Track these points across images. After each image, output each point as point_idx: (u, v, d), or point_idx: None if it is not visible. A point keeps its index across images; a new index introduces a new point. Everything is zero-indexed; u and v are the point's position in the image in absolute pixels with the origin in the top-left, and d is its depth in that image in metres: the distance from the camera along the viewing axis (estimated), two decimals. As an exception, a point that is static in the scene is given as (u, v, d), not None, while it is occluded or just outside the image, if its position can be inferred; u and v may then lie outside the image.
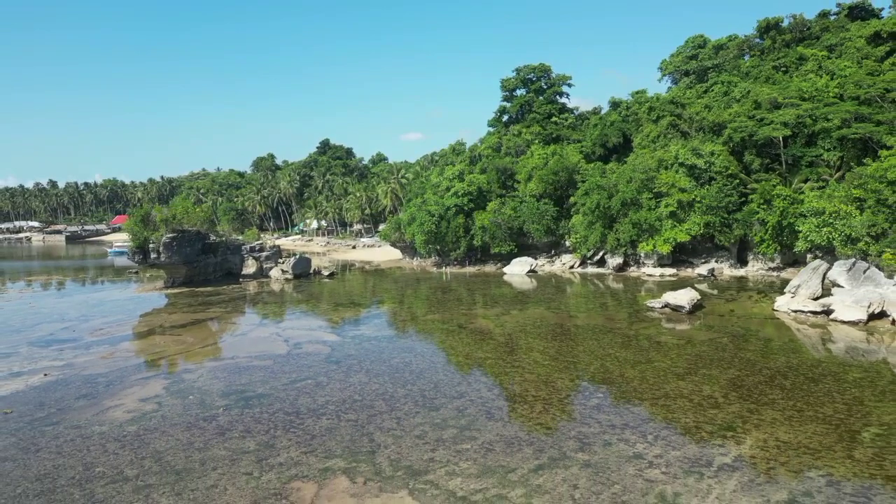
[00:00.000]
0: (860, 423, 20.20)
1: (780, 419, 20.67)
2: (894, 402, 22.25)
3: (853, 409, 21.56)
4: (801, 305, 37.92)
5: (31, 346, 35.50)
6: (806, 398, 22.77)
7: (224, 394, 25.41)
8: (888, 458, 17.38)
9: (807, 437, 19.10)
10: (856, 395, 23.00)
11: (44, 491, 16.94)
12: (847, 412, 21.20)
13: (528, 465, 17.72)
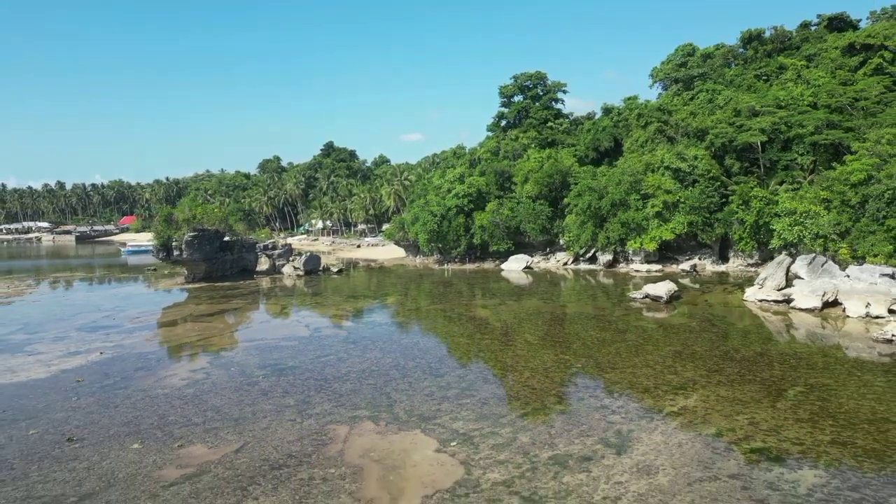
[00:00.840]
0: (789, 385, 24.62)
1: (724, 382, 25.11)
2: (824, 370, 26.65)
3: (787, 375, 25.99)
4: (766, 295, 42.37)
5: (79, 331, 39.94)
6: (750, 367, 27.20)
7: (260, 366, 29.88)
8: (802, 407, 21.81)
9: (742, 394, 23.54)
10: (793, 365, 27.43)
11: (131, 432, 21.38)
12: (781, 377, 25.62)
13: (516, 413, 22.18)
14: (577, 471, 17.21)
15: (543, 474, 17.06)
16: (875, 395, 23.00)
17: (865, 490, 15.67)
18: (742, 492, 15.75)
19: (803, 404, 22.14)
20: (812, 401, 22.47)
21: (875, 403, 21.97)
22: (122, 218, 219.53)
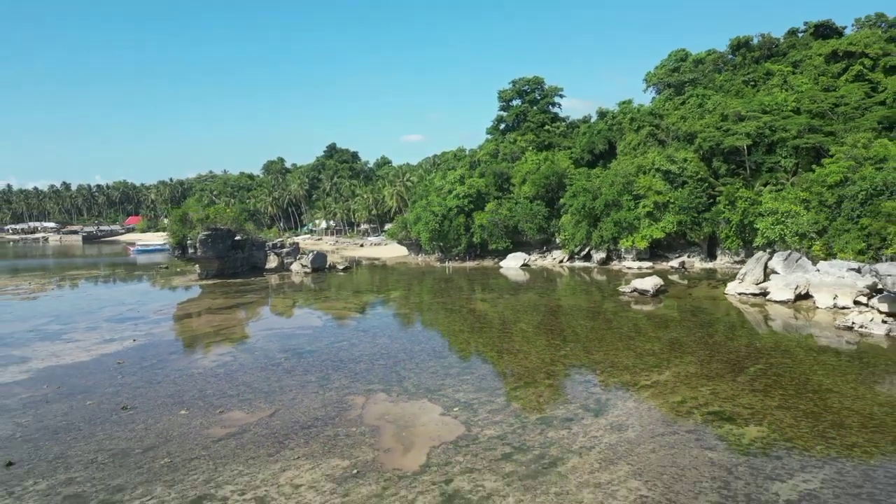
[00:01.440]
0: (751, 363, 27.85)
1: (694, 362, 28.35)
2: (785, 352, 29.88)
3: (751, 356, 29.23)
4: (745, 289, 45.62)
5: (108, 322, 43.21)
6: (719, 349, 30.46)
7: (281, 350, 33.14)
8: (758, 381, 25.05)
9: (709, 371, 26.78)
10: (758, 348, 30.67)
11: (176, 402, 24.63)
12: (745, 357, 28.86)
13: (510, 386, 25.45)
14: (559, 428, 20.47)
15: (531, 430, 20.32)
16: (825, 371, 26.26)
17: (798, 441, 18.91)
18: (695, 442, 19.01)
19: (760, 378, 25.38)
20: (768, 376, 25.72)
21: (822, 378, 25.23)
22: (128, 218, 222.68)
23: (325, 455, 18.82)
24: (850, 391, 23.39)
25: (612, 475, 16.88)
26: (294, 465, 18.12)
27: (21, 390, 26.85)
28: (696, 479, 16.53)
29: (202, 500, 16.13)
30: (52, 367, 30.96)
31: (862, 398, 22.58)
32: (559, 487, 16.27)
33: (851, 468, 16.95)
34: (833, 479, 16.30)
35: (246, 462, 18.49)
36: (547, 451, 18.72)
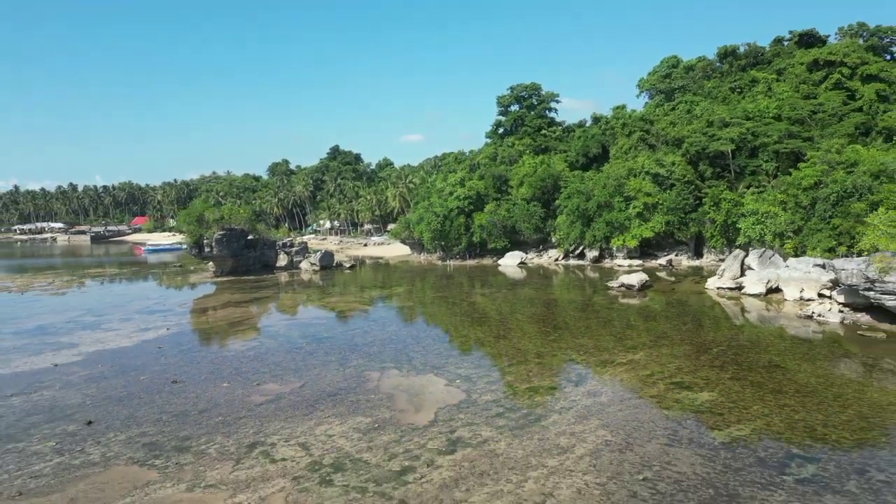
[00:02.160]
0: (715, 346, 31.84)
1: (666, 345, 32.35)
2: (747, 336, 33.87)
3: (717, 339, 33.22)
4: (723, 284, 49.63)
5: (139, 314, 47.22)
6: (690, 335, 34.45)
7: (301, 336, 37.16)
8: (718, 359, 29.03)
9: (678, 352, 30.77)
10: (725, 334, 34.65)
11: (217, 377, 28.61)
12: (712, 341, 32.85)
13: (504, 364, 29.45)
14: (545, 394, 24.49)
15: (521, 396, 24.35)
16: (777, 351, 30.27)
17: (740, 403, 22.90)
18: (656, 404, 23.02)
19: (720, 357, 29.39)
20: (728, 355, 29.73)
21: (774, 356, 29.24)
22: (134, 219, 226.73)
23: (350, 414, 22.84)
24: (794, 367, 27.40)
25: (585, 427, 20.90)
26: (326, 422, 22.14)
27: (79, 369, 30.88)
28: (651, 429, 20.54)
29: (256, 446, 20.13)
30: (100, 350, 34.98)
31: (802, 372, 26.59)
32: (541, 435, 20.28)
33: (779, 421, 20.95)
34: (761, 429, 20.30)
35: (285, 419, 22.50)
36: (533, 410, 22.74)
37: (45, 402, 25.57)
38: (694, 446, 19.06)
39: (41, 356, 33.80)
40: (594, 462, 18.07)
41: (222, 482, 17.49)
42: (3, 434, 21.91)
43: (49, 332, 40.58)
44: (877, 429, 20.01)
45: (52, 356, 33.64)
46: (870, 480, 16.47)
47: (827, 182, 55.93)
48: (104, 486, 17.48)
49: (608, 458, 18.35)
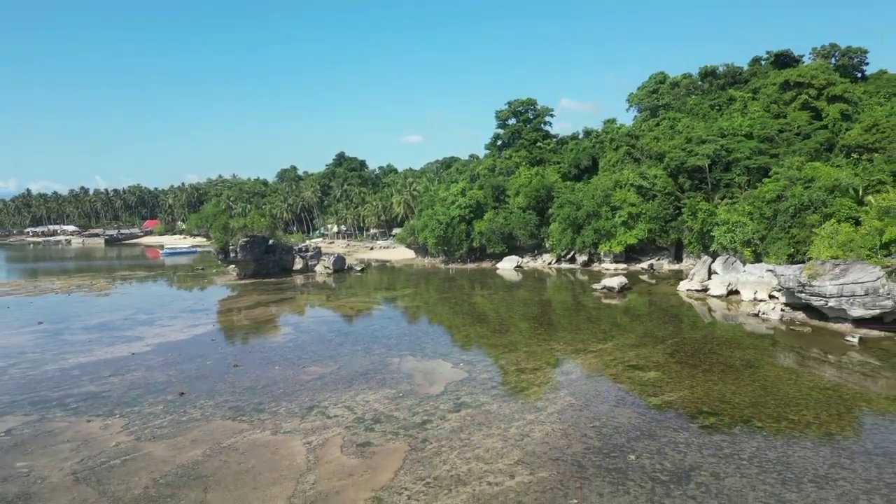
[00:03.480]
0: (671, 337, 38.98)
1: (632, 337, 39.51)
2: (699, 330, 41.01)
3: (674, 332, 40.35)
4: (692, 286, 56.79)
5: (184, 313, 54.40)
6: (652, 328, 41.61)
7: (329, 331, 44.37)
8: (671, 348, 36.17)
9: (639, 342, 37.91)
10: (681, 327, 41.81)
11: (268, 362, 35.75)
12: (669, 334, 39.98)
13: (498, 352, 36.63)
14: (529, 374, 31.68)
15: (511, 375, 31.56)
16: (720, 342, 37.45)
17: (676, 378, 30.04)
18: (612, 380, 30.20)
19: (672, 347, 36.56)
20: (678, 344, 36.90)
21: (715, 346, 36.41)
22: (146, 222, 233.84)
23: (380, 387, 30.01)
24: (728, 353, 34.57)
25: (556, 394, 28.07)
26: (362, 392, 29.31)
27: (153, 357, 38.07)
28: (605, 396, 27.71)
29: (313, 408, 27.29)
30: (164, 342, 42.17)
31: (732, 356, 33.77)
32: (523, 400, 27.45)
33: (700, 391, 28.08)
34: (686, 396, 27.44)
35: (331, 391, 29.67)
36: (519, 384, 29.92)
37: (138, 380, 32.76)
38: (633, 407, 26.25)
39: (116, 347, 40.98)
40: (560, 416, 25.24)
41: (295, 430, 24.67)
42: (120, 402, 29.08)
43: (112, 328, 47.75)
44: (770, 395, 27.15)
45: (126, 347, 40.82)
46: (751, 427, 23.61)
47: (787, 196, 63.05)
48: (212, 433, 24.66)
49: (570, 414, 25.53)
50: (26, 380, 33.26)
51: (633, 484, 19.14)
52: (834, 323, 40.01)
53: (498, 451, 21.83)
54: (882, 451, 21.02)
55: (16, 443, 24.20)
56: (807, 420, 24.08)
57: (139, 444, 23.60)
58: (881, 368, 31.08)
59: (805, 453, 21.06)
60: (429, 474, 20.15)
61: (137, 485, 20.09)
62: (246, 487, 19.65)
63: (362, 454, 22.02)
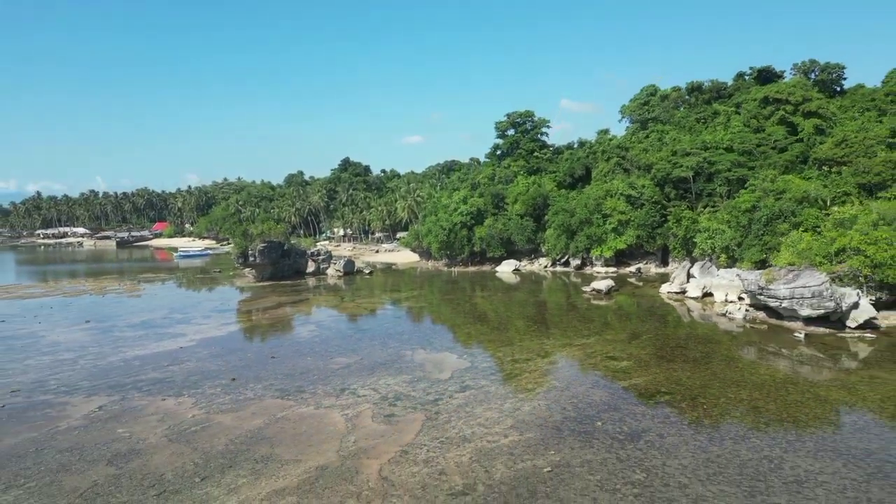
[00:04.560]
0: (645, 333, 45.08)
1: (612, 332, 45.62)
2: (671, 327, 47.11)
3: (649, 329, 46.44)
4: (672, 289, 62.89)
5: (214, 312, 60.49)
6: (631, 326, 47.74)
7: (347, 328, 50.52)
8: (644, 343, 42.28)
9: (618, 338, 44.01)
10: (656, 325, 47.90)
11: (300, 354, 41.87)
12: (645, 330, 46.07)
13: (497, 346, 42.78)
14: (521, 363, 37.82)
15: (506, 364, 37.71)
16: (687, 337, 43.57)
17: (644, 365, 36.15)
18: (591, 368, 36.33)
19: (646, 341, 42.67)
20: (650, 339, 43.02)
21: (682, 340, 42.52)
22: (155, 224, 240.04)
23: (398, 374, 36.16)
24: (692, 345, 40.70)
25: (543, 378, 34.22)
26: (383, 378, 35.44)
27: (199, 350, 44.20)
28: (583, 381, 33.86)
29: (345, 389, 33.40)
30: (204, 338, 48.31)
31: (694, 348, 39.90)
32: (516, 384, 33.59)
33: (662, 376, 34.19)
34: (650, 380, 33.55)
35: (357, 377, 35.80)
36: (513, 371, 36.08)
37: (194, 369, 38.90)
38: (605, 388, 32.39)
39: (164, 342, 47.11)
40: (545, 395, 31.38)
41: (333, 405, 30.80)
42: (184, 385, 35.21)
43: (155, 326, 53.89)
44: (717, 379, 33.28)
45: (172, 342, 46.96)
46: (695, 403, 29.71)
47: (761, 206, 69.18)
48: (266, 408, 30.79)
49: (553, 393, 31.67)
50: (97, 369, 39.43)
51: (598, 441, 25.26)
52: (788, 321, 46.11)
53: (495, 420, 27.97)
54: (791, 419, 27.15)
55: (110, 416, 30.35)
56: (740, 397, 30.21)
57: (210, 416, 29.74)
58: (816, 359, 37.23)
59: (732, 421, 27.18)
60: (441, 435, 26.28)
61: (218, 443, 26.23)
62: (302, 444, 25.79)
63: (389, 422, 28.16)
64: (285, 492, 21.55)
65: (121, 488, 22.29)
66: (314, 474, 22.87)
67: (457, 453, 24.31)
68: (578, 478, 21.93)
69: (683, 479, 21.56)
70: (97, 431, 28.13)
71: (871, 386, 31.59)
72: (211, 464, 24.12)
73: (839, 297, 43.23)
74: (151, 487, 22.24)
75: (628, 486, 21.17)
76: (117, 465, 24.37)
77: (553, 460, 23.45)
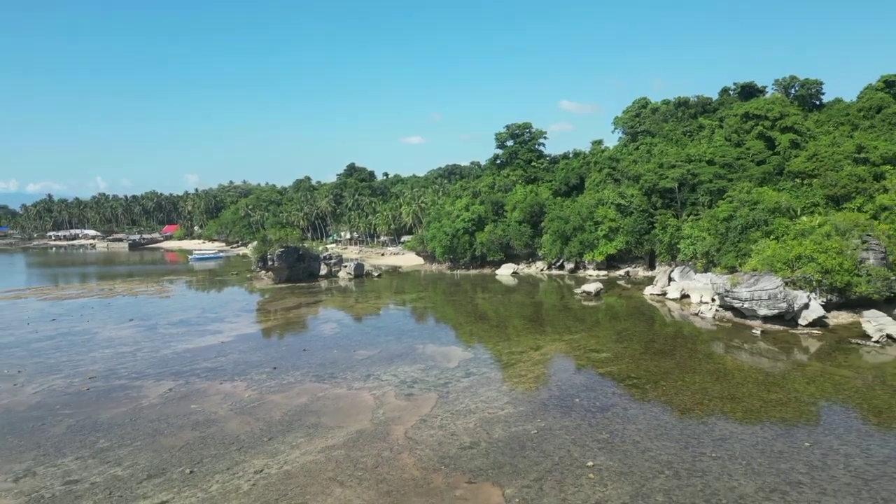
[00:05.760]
0: (624, 329, 51.92)
1: (597, 329, 52.50)
2: (647, 324, 53.98)
3: (629, 326, 53.31)
4: (655, 291, 69.77)
5: (243, 312, 67.39)
6: (615, 323, 54.61)
7: (364, 325, 57.44)
8: (623, 336, 49.15)
9: (601, 333, 50.90)
10: (634, 322, 54.77)
11: (327, 348, 48.74)
12: (624, 328, 52.95)
13: (496, 341, 49.69)
14: (517, 355, 44.73)
15: (504, 355, 44.64)
16: (661, 332, 50.45)
17: (621, 356, 43.04)
18: (575, 359, 43.26)
19: (625, 336, 49.52)
20: (628, 334, 49.90)
21: (656, 336, 49.41)
22: (165, 226, 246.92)
23: (413, 363, 43.04)
24: (663, 340, 47.58)
25: (536, 366, 41.13)
26: (401, 366, 42.31)
27: (239, 344, 51.09)
28: (568, 368, 40.76)
29: (370, 375, 40.27)
30: (240, 334, 55.20)
31: (665, 342, 46.78)
32: (514, 370, 40.50)
33: (632, 364, 41.05)
34: (622, 367, 40.44)
35: (379, 365, 42.68)
36: (510, 361, 42.97)
37: (239, 359, 45.78)
38: (585, 374, 39.30)
39: (206, 337, 54.01)
40: (535, 379, 38.28)
41: (362, 387, 37.69)
42: (234, 373, 42.09)
43: (193, 324, 60.79)
44: (678, 367, 40.15)
45: (213, 338, 53.85)
46: (657, 385, 36.57)
47: (736, 216, 76.03)
48: (308, 390, 37.67)
49: (543, 378, 38.57)
50: (156, 359, 46.36)
51: (575, 412, 32.15)
52: (749, 320, 52.98)
53: (494, 398, 34.87)
54: (730, 396, 34.05)
55: (181, 396, 37.25)
56: (694, 381, 37.12)
57: (263, 396, 36.65)
58: (766, 351, 44.14)
59: (683, 398, 34.07)
60: (452, 409, 33.17)
61: (275, 415, 33.13)
62: (342, 415, 32.69)
63: (409, 399, 35.06)
64: (334, 447, 28.44)
65: (208, 445, 29.18)
66: (354, 436, 29.77)
67: (464, 421, 31.21)
68: (557, 436, 28.83)
69: (637, 438, 28.44)
70: (174, 407, 35.05)
71: (803, 372, 38.51)
72: (273, 429, 31.03)
73: (791, 299, 50.10)
74: (231, 444, 29.14)
75: (595, 443, 28.06)
76: (199, 430, 31.27)
77: (539, 426, 30.34)
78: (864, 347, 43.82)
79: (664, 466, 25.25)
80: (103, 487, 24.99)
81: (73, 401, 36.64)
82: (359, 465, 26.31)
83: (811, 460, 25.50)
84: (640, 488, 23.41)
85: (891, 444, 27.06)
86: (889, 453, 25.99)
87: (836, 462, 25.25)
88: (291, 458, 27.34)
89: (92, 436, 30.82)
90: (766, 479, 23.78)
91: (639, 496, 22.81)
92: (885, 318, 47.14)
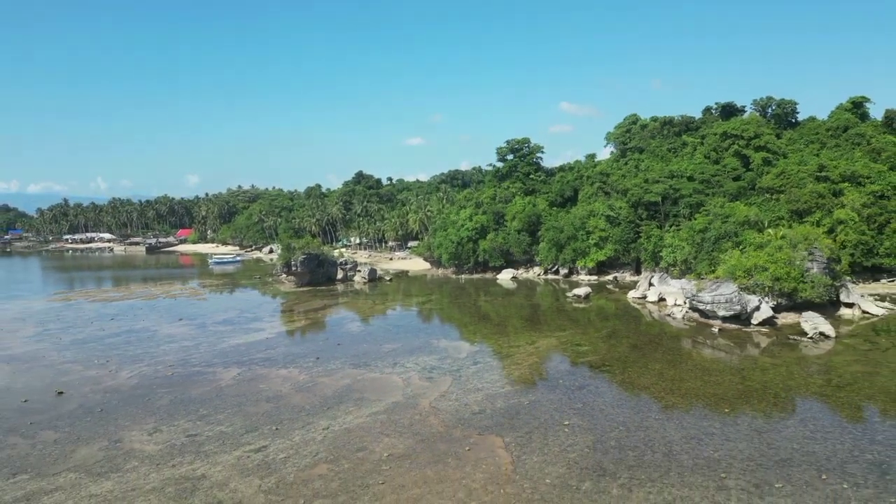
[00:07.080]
0: (606, 328, 61.67)
1: (582, 327, 62.29)
2: (626, 323, 63.74)
3: (610, 324, 63.06)
4: (637, 295, 79.57)
5: (277, 313, 77.22)
6: (599, 322, 64.39)
7: (385, 324, 67.32)
8: (604, 334, 58.96)
9: (586, 331, 60.69)
10: (617, 322, 64.54)
11: (358, 342, 58.53)
12: (605, 326, 62.69)
13: (497, 338, 59.54)
14: (514, 348, 54.60)
15: (504, 348, 54.52)
16: (635, 330, 60.26)
17: (598, 349, 52.83)
18: (561, 352, 53.10)
19: (605, 333, 59.31)
20: (609, 333, 59.67)
21: (631, 332, 59.22)
22: (179, 230, 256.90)
23: (430, 355, 52.86)
24: (636, 335, 57.34)
25: (528, 357, 50.96)
26: (421, 357, 52.12)
27: (281, 340, 60.90)
28: (554, 358, 50.60)
29: (397, 363, 50.09)
30: (280, 331, 65.04)
31: (637, 337, 56.54)
32: (511, 360, 50.35)
33: (609, 355, 50.83)
34: (600, 357, 50.22)
35: (404, 357, 52.49)
36: (508, 353, 52.81)
37: (285, 352, 55.58)
38: (567, 363, 49.14)
39: (251, 334, 63.81)
40: (528, 367, 48.10)
41: (391, 372, 47.50)
42: (285, 362, 51.90)
43: (236, 323, 70.61)
44: (645, 357, 49.91)
45: (257, 335, 63.63)
46: (626, 370, 46.34)
47: (710, 227, 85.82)
48: (349, 374, 47.48)
49: (535, 366, 48.40)
50: (217, 351, 56.20)
51: (559, 390, 41.96)
52: (711, 320, 62.74)
53: (496, 380, 44.69)
54: (679, 378, 43.87)
55: (249, 378, 47.08)
56: (654, 367, 46.91)
57: (314, 379, 46.49)
58: (719, 344, 53.93)
59: (646, 379, 43.84)
60: (463, 387, 43.00)
61: (328, 392, 42.95)
62: (380, 392, 42.50)
63: (430, 381, 44.89)
64: (378, 413, 38.28)
65: (282, 412, 39.01)
66: (391, 406, 39.60)
67: (474, 396, 41.04)
68: (544, 406, 38.66)
69: (602, 407, 38.28)
70: (247, 386, 44.91)
71: (743, 359, 48.35)
72: (328, 402, 40.87)
73: (745, 302, 59.87)
74: (300, 411, 38.98)
75: (571, 410, 37.88)
76: (273, 402, 41.12)
77: (531, 399, 40.17)
78: (801, 343, 53.56)
79: (619, 424, 35.09)
80: (216, 439, 34.82)
81: (164, 382, 46.50)
82: (398, 424, 36.15)
83: (725, 420, 35.32)
84: (600, 437, 33.25)
85: (790, 419, 36.91)
86: (784, 417, 35.84)
87: (744, 421, 35.06)
88: (348, 420, 37.20)
89: (192, 406, 40.66)
90: (690, 432, 33.60)
91: (598, 442, 32.63)
92: (819, 318, 56.92)
